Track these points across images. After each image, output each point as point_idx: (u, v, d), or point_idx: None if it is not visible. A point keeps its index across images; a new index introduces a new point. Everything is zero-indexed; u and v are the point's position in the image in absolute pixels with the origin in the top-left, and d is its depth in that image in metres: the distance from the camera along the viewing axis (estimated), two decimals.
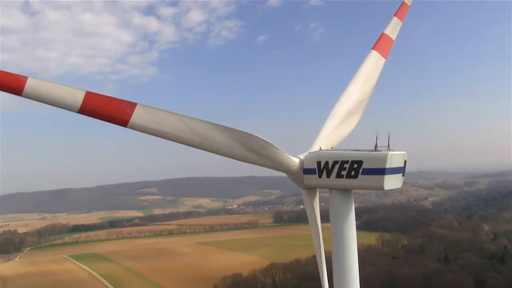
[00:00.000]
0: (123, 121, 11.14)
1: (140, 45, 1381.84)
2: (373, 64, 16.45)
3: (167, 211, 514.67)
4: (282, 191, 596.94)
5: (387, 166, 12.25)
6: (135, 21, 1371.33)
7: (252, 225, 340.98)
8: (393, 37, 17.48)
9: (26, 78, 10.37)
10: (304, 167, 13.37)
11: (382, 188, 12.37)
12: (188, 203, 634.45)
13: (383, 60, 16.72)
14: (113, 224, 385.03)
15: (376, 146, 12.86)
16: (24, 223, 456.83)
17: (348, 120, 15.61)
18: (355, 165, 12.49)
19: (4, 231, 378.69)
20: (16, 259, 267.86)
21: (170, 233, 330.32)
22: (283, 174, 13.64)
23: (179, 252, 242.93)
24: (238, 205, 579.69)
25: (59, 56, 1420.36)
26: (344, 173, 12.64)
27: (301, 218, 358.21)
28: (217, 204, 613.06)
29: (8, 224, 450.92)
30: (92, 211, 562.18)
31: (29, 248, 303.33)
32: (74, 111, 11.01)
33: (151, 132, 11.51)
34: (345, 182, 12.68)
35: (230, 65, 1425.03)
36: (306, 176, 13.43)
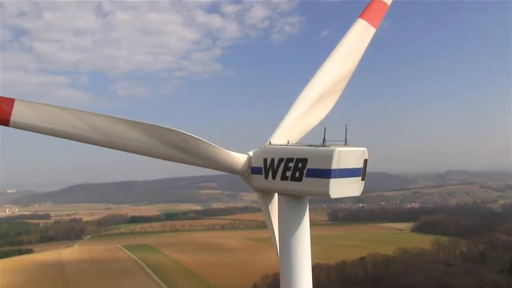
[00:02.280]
0: (2, 121, 9.85)
1: (204, 42, 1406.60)
2: (358, 36, 14.00)
3: (225, 205, 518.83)
4: None
5: (334, 166, 10.12)
6: (199, 19, 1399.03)
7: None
8: (388, 1, 14.73)
9: None
10: (252, 165, 11.76)
11: (328, 195, 10.23)
12: (247, 198, 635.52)
13: (372, 30, 14.23)
14: (169, 216, 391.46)
15: (324, 140, 10.75)
16: (90, 212, 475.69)
17: (318, 107, 13.34)
18: (300, 165, 10.58)
19: (70, 219, 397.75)
20: (76, 245, 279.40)
21: (223, 227, 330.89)
22: None
23: (227, 247, 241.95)
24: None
25: (127, 54, 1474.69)
26: (289, 174, 10.80)
27: (356, 217, 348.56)
28: None
29: (76, 213, 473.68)
30: (153, 203, 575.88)
31: (89, 236, 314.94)
32: None
33: (40, 131, 10.20)
34: (289, 185, 10.83)
35: (292, 61, 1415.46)
36: (253, 177, 11.83)
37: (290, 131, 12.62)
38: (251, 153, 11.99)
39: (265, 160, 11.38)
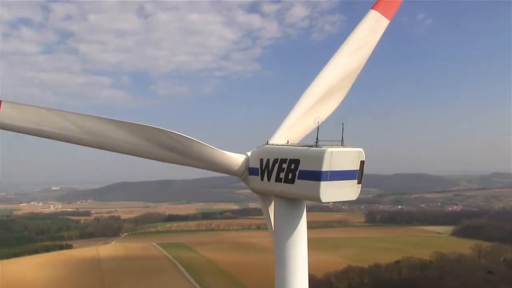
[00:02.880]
0: None
1: (244, 42, 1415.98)
2: (370, 28, 13.30)
3: None
4: (380, 189, 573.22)
5: (324, 168, 9.64)
6: (239, 19, 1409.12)
7: (342, 224, 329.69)
8: None
9: None
10: (249, 166, 11.47)
11: (319, 200, 9.82)
12: None
13: (385, 22, 13.48)
14: (206, 215, 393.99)
15: (317, 140, 10.28)
16: (129, 210, 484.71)
17: (324, 104, 12.74)
18: (292, 166, 10.19)
19: (109, 217, 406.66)
20: (113, 242, 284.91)
21: (258, 227, 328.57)
22: (382, 171, 9.14)
23: (262, 247, 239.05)
24: (334, 202, 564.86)
25: (168, 54, 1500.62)
26: (282, 175, 10.46)
27: (394, 219, 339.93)
28: None
29: (116, 210, 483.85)
30: (191, 202, 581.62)
31: (126, 234, 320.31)
32: None
33: (28, 132, 10.14)
34: (282, 187, 10.47)
35: None
36: (251, 178, 11.51)
37: (292, 130, 12.15)
38: (249, 154, 11.67)
39: (261, 160, 11.03)
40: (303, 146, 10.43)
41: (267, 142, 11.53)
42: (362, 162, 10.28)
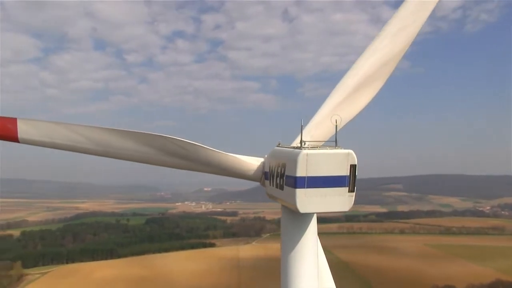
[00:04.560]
0: (13, 138, 10.63)
1: None
2: (417, 3, 11.84)
3: (409, 208, 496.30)
4: None
5: (299, 173, 8.60)
6: (385, 16, 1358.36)
7: (498, 231, 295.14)
8: None
9: None
10: (265, 169, 10.77)
11: (297, 210, 8.75)
12: (435, 201, 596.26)
13: None
14: (349, 218, 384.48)
15: (301, 141, 9.35)
16: (276, 211, 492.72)
17: (357, 96, 11.57)
18: (282, 170, 9.47)
19: (254, 217, 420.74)
20: (254, 243, 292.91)
21: (402, 232, 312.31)
22: None
23: (402, 252, 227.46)
24: (492, 207, 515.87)
25: (314, 56, 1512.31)
26: (278, 181, 9.73)
27: None
28: (466, 204, 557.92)
29: (263, 211, 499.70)
30: None
31: (268, 234, 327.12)
32: None
33: (44, 145, 10.86)
34: (277, 194, 9.70)
35: (492, 53, 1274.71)
36: (266, 183, 10.73)
37: (320, 127, 10.99)
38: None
39: (270, 164, 10.30)
40: (294, 147, 9.31)
41: (279, 144, 10.50)
42: (353, 167, 8.69)
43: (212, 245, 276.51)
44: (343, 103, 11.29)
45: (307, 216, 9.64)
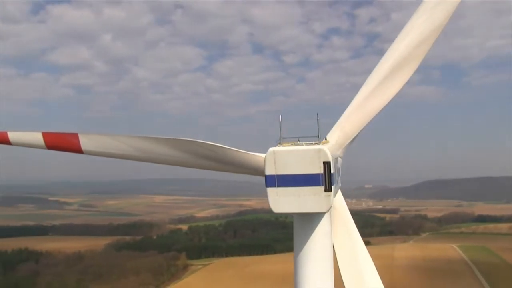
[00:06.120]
0: (79, 151, 12.13)
1: None
2: None
3: None
4: None
5: (268, 172, 8.63)
6: None
7: None
8: None
9: (6, 132, 12.81)
10: None
11: (271, 209, 9.03)
12: None
13: None
14: None
15: (280, 137, 9.08)
16: (439, 208, 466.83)
17: (389, 82, 10.96)
18: None
19: (415, 215, 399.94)
20: (411, 242, 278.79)
21: None
22: None
23: None
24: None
25: (479, 41, 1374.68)
26: None
27: None
28: None
29: (426, 208, 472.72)
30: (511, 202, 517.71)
31: (427, 233, 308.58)
32: (44, 149, 12.63)
33: (103, 155, 12.12)
34: None
35: None
36: None
37: (350, 120, 10.90)
38: None
39: None
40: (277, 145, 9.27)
41: (298, 140, 10.38)
42: (326, 164, 8.35)
43: (366, 243, 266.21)
44: (375, 91, 10.90)
45: (316, 217, 9.55)
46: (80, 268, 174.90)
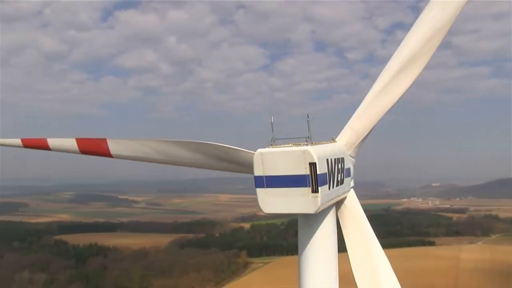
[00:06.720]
0: (109, 155, 12.79)
1: None
2: None
3: None
4: None
5: (257, 173, 8.77)
6: None
7: None
8: None
9: (46, 139, 13.70)
10: None
11: (261, 209, 9.08)
12: None
13: None
14: None
15: (272, 138, 9.17)
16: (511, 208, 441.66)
17: (399, 79, 10.80)
18: None
19: (485, 215, 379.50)
20: (479, 243, 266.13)
21: None
22: None
23: None
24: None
25: None
26: None
27: None
28: None
29: (498, 208, 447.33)
30: None
31: (498, 235, 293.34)
32: (79, 153, 13.45)
33: (130, 159, 12.77)
34: None
35: None
36: None
37: (361, 118, 10.79)
38: None
39: None
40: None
41: (309, 139, 10.50)
42: (312, 165, 8.32)
43: (431, 243, 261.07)
44: (386, 88, 10.68)
45: (320, 217, 9.55)
46: (144, 264, 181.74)
